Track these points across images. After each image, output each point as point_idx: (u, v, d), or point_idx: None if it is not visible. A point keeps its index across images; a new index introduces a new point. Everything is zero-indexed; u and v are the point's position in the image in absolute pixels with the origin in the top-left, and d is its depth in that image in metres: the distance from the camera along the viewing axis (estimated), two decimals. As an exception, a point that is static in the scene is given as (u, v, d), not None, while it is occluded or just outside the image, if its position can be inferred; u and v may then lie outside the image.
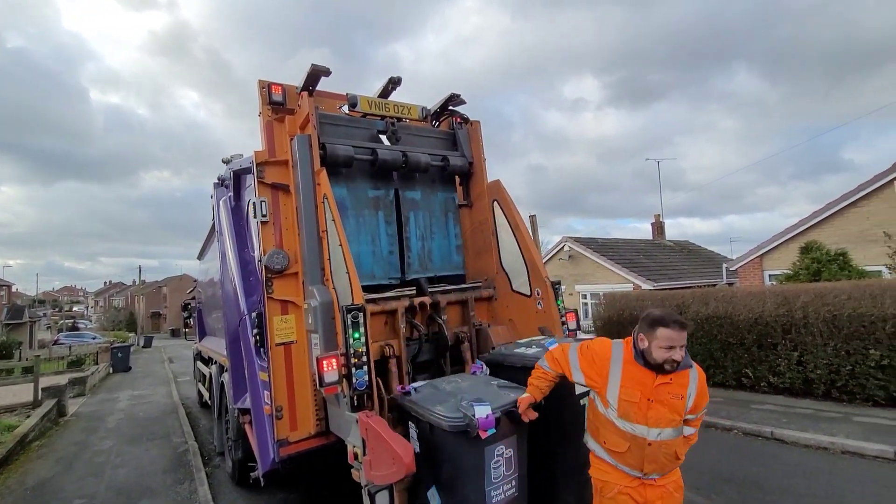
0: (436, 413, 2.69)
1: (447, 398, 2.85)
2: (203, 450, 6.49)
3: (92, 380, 13.21)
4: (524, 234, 4.16)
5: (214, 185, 5.49)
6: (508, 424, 2.71)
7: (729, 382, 7.75)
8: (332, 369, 3.01)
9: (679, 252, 20.78)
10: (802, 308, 6.94)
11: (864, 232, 11.40)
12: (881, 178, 11.26)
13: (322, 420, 3.66)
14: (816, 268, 10.45)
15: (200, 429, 7.86)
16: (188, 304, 11.04)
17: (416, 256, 4.29)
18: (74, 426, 8.38)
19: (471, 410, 2.53)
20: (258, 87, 4.00)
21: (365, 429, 2.85)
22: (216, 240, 5.70)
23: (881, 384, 6.28)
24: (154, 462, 6.01)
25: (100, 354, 17.79)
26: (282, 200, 3.89)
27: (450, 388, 3.05)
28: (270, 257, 3.71)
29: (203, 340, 8.41)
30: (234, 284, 4.41)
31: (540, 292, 4.00)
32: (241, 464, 4.70)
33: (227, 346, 4.62)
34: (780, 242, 13.10)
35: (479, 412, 2.52)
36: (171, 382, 13.55)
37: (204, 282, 8.50)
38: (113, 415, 9.27)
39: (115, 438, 7.34)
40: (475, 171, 4.59)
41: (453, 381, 3.21)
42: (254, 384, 3.93)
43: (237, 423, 4.63)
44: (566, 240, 18.53)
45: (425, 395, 2.98)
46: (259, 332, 3.79)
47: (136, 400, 11.00)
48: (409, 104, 4.40)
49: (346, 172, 4.03)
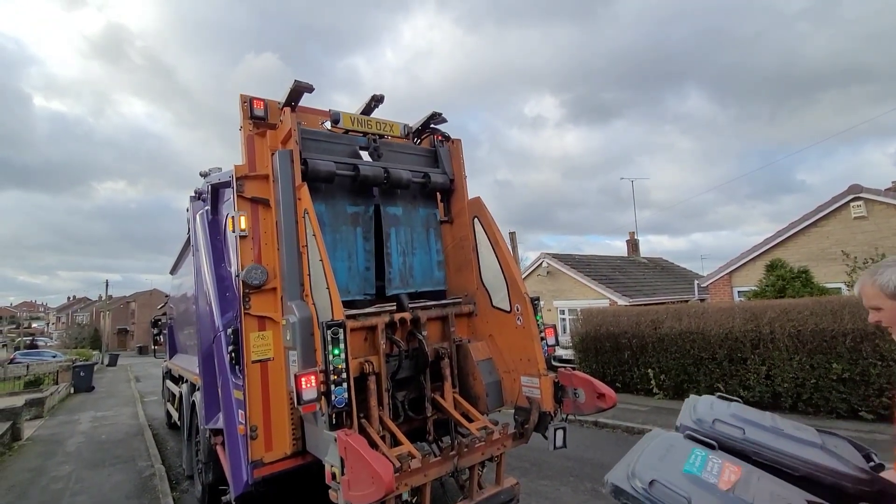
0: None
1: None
2: (171, 473, 6.22)
3: (51, 401, 12.52)
4: (504, 250, 4.23)
5: (191, 199, 5.39)
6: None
7: (702, 397, 7.94)
8: (311, 386, 2.96)
9: (653, 269, 21.35)
10: (769, 323, 7.23)
11: (825, 251, 12.01)
12: (838, 201, 11.94)
13: (299, 439, 3.57)
14: (781, 285, 10.92)
15: (168, 451, 7.53)
16: (158, 321, 10.64)
17: (397, 272, 4.29)
18: (30, 451, 7.90)
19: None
20: (240, 102, 3.99)
21: (344, 447, 2.80)
22: (191, 254, 5.57)
23: (843, 397, 6.55)
24: (117, 488, 5.71)
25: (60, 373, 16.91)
26: (261, 215, 3.86)
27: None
28: (248, 272, 3.65)
29: (174, 358, 8.12)
30: (209, 300, 4.31)
31: (520, 308, 4.05)
32: (212, 487, 4.53)
33: (200, 364, 4.49)
34: (747, 260, 13.64)
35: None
36: (137, 402, 12.97)
37: (177, 297, 8.25)
38: (73, 438, 8.79)
39: (75, 463, 6.94)
40: (456, 188, 4.67)
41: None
42: (227, 403, 3.82)
43: (208, 445, 4.46)
44: (544, 256, 18.81)
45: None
46: (235, 349, 3.70)
47: (99, 422, 10.47)
48: (391, 121, 4.46)
49: (326, 188, 4.03)
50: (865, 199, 11.51)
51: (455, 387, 4.05)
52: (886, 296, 1.54)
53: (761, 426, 2.20)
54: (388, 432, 3.46)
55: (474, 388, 4.09)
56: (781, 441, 2.08)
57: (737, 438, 2.11)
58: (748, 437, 2.10)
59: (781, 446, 2.04)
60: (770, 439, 2.10)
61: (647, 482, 1.80)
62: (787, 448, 2.02)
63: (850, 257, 10.68)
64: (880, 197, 11.36)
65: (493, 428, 3.65)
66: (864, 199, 11.53)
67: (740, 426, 2.18)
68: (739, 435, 2.12)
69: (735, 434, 2.13)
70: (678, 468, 1.89)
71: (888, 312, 1.57)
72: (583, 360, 10.43)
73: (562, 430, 3.70)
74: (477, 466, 3.52)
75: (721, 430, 2.17)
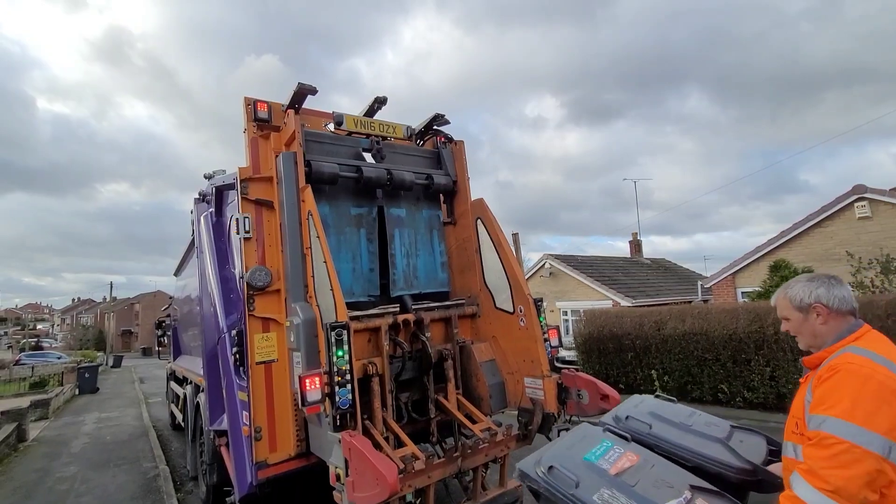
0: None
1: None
2: (175, 474, 6.24)
3: (56, 402, 12.59)
4: (507, 251, 4.23)
5: (195, 201, 5.42)
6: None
7: (706, 398, 7.91)
8: (315, 388, 2.97)
9: (656, 269, 21.29)
10: (773, 324, 7.20)
11: (828, 251, 11.95)
12: (842, 201, 11.87)
13: (303, 441, 3.58)
14: (785, 286, 10.87)
15: (172, 452, 7.55)
16: (162, 322, 10.68)
17: (400, 273, 4.30)
18: (35, 452, 7.94)
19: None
20: (244, 104, 4.02)
21: (348, 449, 2.80)
22: (195, 256, 5.59)
23: (849, 398, 6.52)
24: (122, 489, 5.73)
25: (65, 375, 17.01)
26: (265, 217, 3.87)
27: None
28: (252, 274, 3.67)
29: (178, 359, 8.15)
30: (213, 301, 4.33)
31: (523, 309, 4.05)
32: (216, 488, 4.53)
33: (205, 365, 4.50)
34: (751, 261, 13.58)
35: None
36: (141, 404, 13.01)
37: (181, 298, 8.28)
38: (78, 439, 8.83)
39: (80, 464, 6.98)
40: (459, 190, 4.67)
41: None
42: (232, 404, 3.83)
43: (212, 446, 4.47)
44: (547, 257, 18.79)
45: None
46: (239, 351, 3.71)
47: (104, 423, 10.51)
48: (394, 123, 4.47)
49: (330, 190, 4.04)
50: (870, 200, 11.45)
51: (458, 388, 4.05)
52: (793, 308, 1.78)
53: (671, 422, 2.52)
54: (392, 434, 3.46)
55: (478, 389, 4.09)
56: (684, 436, 2.41)
57: (643, 433, 2.45)
58: (653, 432, 2.44)
59: (678, 440, 2.38)
60: (673, 434, 2.43)
61: (547, 468, 2.08)
62: (682, 441, 2.36)
63: (854, 258, 10.63)
64: (885, 197, 11.30)
65: (496, 429, 3.64)
66: (868, 199, 11.47)
67: (649, 422, 2.52)
68: (646, 430, 2.47)
69: (642, 429, 2.47)
70: (580, 456, 2.19)
71: (794, 322, 1.80)
72: (586, 361, 10.41)
73: (565, 431, 3.69)
74: (480, 468, 3.52)
75: (632, 425, 2.53)
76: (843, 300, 1.71)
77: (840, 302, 1.70)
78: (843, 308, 1.70)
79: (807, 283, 1.78)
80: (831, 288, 1.73)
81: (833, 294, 1.71)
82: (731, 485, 2.15)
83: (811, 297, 1.74)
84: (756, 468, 2.18)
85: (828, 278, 1.78)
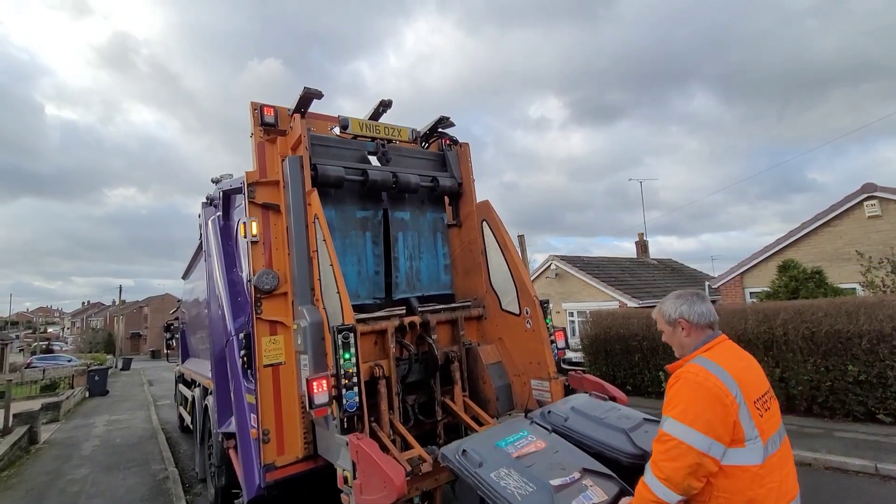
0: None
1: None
2: (184, 477, 6.28)
3: (67, 404, 12.73)
4: (513, 253, 4.23)
5: (203, 205, 5.48)
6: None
7: (715, 399, 7.83)
8: (323, 390, 2.99)
9: (663, 270, 21.14)
10: (782, 325, 7.12)
11: (838, 251, 11.80)
12: (851, 200, 11.73)
13: (310, 443, 3.60)
14: (794, 286, 10.74)
15: (181, 455, 7.61)
16: (171, 325, 10.78)
17: (403, 276, 4.31)
18: (47, 454, 8.04)
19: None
20: (250, 109, 4.06)
21: (355, 451, 2.81)
22: (203, 259, 5.65)
23: (859, 399, 6.43)
24: (132, 491, 5.79)
25: (75, 378, 17.18)
26: (272, 220, 3.91)
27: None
28: (260, 277, 3.69)
29: (186, 362, 8.22)
30: (221, 304, 4.36)
31: (529, 311, 4.05)
32: (225, 491, 4.56)
33: (213, 368, 4.54)
34: (759, 261, 13.45)
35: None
36: (150, 406, 13.12)
37: (189, 302, 8.35)
38: (88, 441, 8.92)
39: (91, 466, 7.05)
40: (464, 192, 4.68)
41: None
42: (240, 407, 3.86)
43: (221, 448, 4.51)
44: (552, 258, 18.72)
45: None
46: (247, 354, 3.74)
47: (114, 425, 10.61)
48: (399, 126, 4.49)
49: (335, 193, 4.07)
50: (880, 198, 11.30)
51: (465, 390, 4.06)
52: (665, 322, 2.00)
53: (587, 416, 2.89)
54: (399, 436, 3.47)
55: (484, 391, 4.09)
56: (595, 427, 2.76)
57: (559, 425, 2.83)
58: (567, 424, 2.82)
59: (587, 431, 2.73)
60: (583, 425, 2.79)
61: (461, 451, 2.44)
62: (588, 432, 2.72)
63: (864, 257, 10.49)
64: (895, 196, 11.16)
65: (503, 431, 3.64)
66: (878, 197, 11.32)
67: (566, 416, 2.89)
68: (561, 422, 2.85)
69: (558, 421, 2.85)
70: (493, 442, 2.53)
71: (666, 334, 2.02)
72: (592, 362, 10.35)
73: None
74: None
75: (551, 418, 2.90)
76: (702, 315, 1.90)
77: (699, 317, 1.90)
78: (701, 322, 1.90)
79: (674, 300, 1.98)
80: (693, 304, 1.92)
81: (694, 310, 1.91)
82: (625, 468, 2.43)
83: (676, 313, 1.94)
84: (646, 454, 2.36)
85: (691, 295, 1.97)
